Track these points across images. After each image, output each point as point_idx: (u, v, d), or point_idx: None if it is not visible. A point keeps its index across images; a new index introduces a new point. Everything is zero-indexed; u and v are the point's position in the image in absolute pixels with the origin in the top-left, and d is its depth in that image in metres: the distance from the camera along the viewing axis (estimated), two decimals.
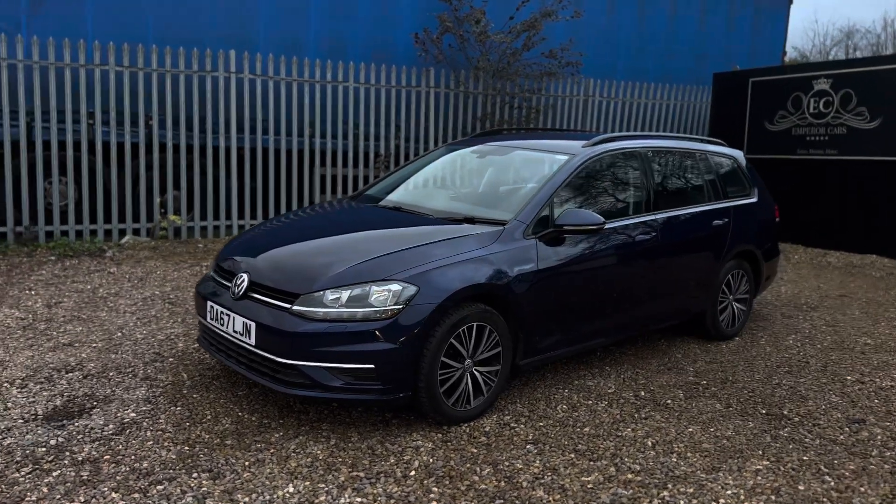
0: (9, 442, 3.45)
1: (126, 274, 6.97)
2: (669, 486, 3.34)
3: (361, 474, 3.31)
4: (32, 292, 6.05)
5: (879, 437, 4.00)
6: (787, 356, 5.33)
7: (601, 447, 3.69)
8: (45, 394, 4.02)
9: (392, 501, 3.09)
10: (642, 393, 4.47)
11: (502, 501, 3.13)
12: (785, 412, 4.29)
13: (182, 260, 7.81)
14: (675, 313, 5.18)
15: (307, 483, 3.20)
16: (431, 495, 3.16)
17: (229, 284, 3.98)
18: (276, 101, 9.44)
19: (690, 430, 3.97)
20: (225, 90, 9.13)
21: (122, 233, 8.85)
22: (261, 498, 3.07)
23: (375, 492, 3.16)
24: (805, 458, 3.71)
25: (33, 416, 3.73)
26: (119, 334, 5.07)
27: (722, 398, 4.47)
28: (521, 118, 10.99)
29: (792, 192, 10.28)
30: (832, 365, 5.19)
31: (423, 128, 10.37)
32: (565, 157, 4.58)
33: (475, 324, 3.81)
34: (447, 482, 3.27)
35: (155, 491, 3.09)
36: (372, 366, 3.52)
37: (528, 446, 3.66)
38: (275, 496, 3.09)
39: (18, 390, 4.05)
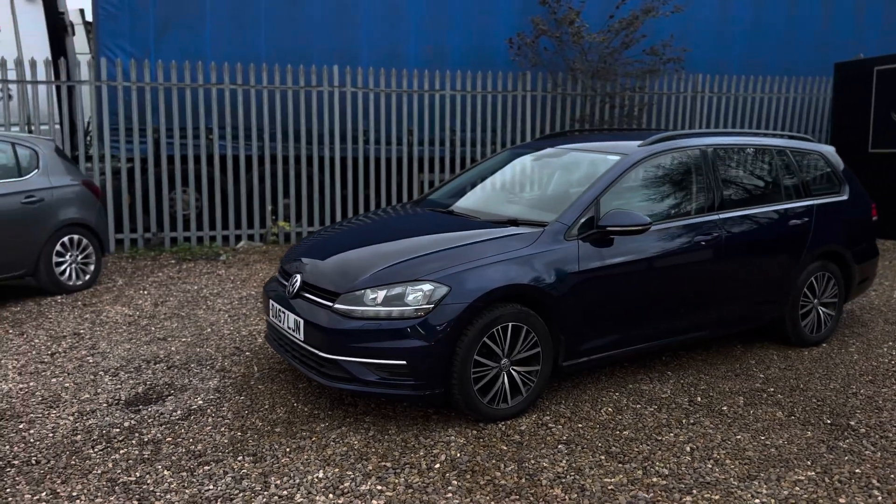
0: (91, 422, 3.92)
1: (231, 276, 7.55)
2: (694, 491, 3.27)
3: (388, 464, 3.48)
4: (145, 292, 6.72)
5: None
6: (874, 364, 4.98)
7: (635, 450, 3.65)
8: (131, 382, 4.50)
9: (410, 491, 3.24)
10: (699, 399, 4.35)
11: (517, 497, 3.20)
12: (852, 423, 4.03)
13: None
14: (741, 319, 4.95)
15: (336, 470, 3.42)
16: (450, 487, 3.28)
17: (287, 284, 4.29)
18: (377, 111, 9.86)
19: (739, 437, 3.83)
20: (329, 103, 9.65)
21: (239, 238, 9.57)
22: (291, 481, 3.31)
23: (397, 481, 3.32)
24: (858, 470, 3.49)
25: (116, 401, 4.20)
26: (209, 330, 5.55)
27: (786, 406, 4.26)
28: (623, 118, 10.79)
29: None
30: None
31: (521, 132, 10.43)
32: (617, 158, 4.54)
33: (510, 324, 3.88)
34: (468, 476, 3.37)
35: (201, 471, 3.41)
36: (404, 362, 3.69)
37: (559, 446, 3.69)
38: (304, 480, 3.32)
39: (110, 378, 4.56)
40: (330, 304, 3.87)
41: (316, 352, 3.87)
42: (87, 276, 6.80)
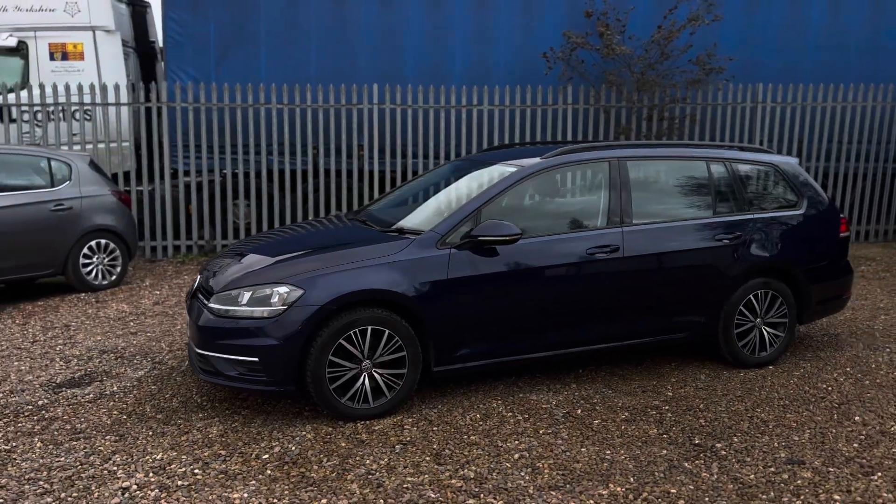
0: (13, 399, 4.50)
1: None
2: (482, 496, 3.30)
3: (223, 452, 3.76)
4: (158, 292, 7.42)
5: (798, 482, 3.44)
6: (806, 390, 4.63)
7: (463, 454, 3.71)
8: (75, 368, 5.08)
9: (221, 476, 3.51)
10: (578, 412, 4.29)
11: (313, 489, 3.38)
12: (719, 445, 3.84)
13: None
14: (646, 334, 4.74)
15: (174, 454, 3.74)
16: (260, 476, 3.51)
17: (193, 286, 4.70)
18: (415, 127, 10.19)
19: (583, 450, 3.77)
20: (369, 120, 10.12)
21: None
22: (128, 459, 3.68)
23: (217, 467, 3.60)
24: (674, 490, 3.36)
25: (48, 383, 4.78)
26: (178, 328, 6.09)
27: (666, 424, 4.11)
28: (674, 130, 10.44)
29: None
30: (855, 404, 4.41)
31: None
32: (513, 170, 4.58)
33: (370, 327, 4.05)
34: (285, 468, 3.59)
35: (67, 445, 3.86)
36: (256, 359, 3.97)
37: (396, 446, 3.81)
38: (140, 460, 3.68)
39: (62, 364, 5.16)
40: (206, 302, 4.23)
41: (193, 346, 4.24)
42: (114, 277, 7.61)
